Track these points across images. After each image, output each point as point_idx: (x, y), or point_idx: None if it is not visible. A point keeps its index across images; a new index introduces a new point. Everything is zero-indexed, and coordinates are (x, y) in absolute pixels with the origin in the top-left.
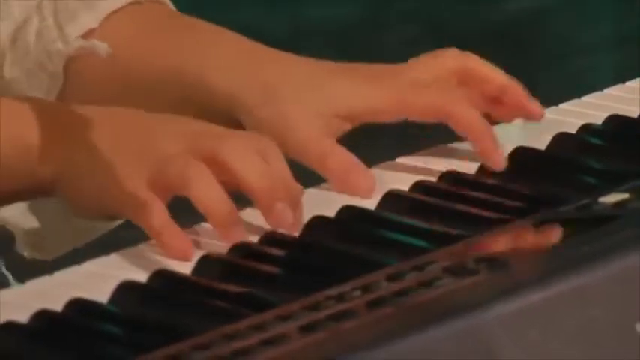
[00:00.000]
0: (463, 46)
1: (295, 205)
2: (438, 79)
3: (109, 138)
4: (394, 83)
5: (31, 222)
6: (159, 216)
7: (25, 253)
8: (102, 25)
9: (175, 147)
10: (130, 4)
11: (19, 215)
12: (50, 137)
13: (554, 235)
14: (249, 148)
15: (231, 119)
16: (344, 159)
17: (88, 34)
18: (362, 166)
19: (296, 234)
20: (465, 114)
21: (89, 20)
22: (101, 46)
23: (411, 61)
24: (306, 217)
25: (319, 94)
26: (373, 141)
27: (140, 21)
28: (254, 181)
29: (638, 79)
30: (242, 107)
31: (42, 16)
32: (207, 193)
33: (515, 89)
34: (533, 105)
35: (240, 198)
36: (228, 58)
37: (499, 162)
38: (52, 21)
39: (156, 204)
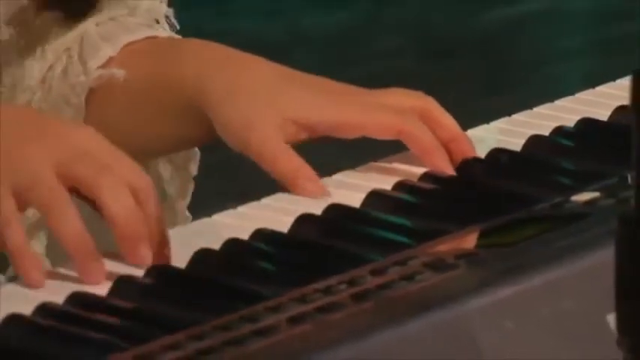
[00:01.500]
0: (447, 52)
1: (159, 243)
2: (397, 108)
3: None
4: (355, 101)
5: (48, 263)
6: (15, 235)
7: None
8: (119, 52)
9: (43, 165)
10: (148, 37)
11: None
12: None
13: (529, 231)
14: (120, 182)
15: (203, 115)
16: (293, 163)
17: (107, 64)
18: (310, 171)
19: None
20: (418, 133)
21: (109, 50)
22: (118, 72)
23: (376, 90)
24: (295, 215)
25: (280, 99)
26: (358, 143)
27: (146, 48)
28: (119, 222)
29: (607, 85)
30: (209, 103)
31: (69, 56)
32: (66, 225)
33: (464, 140)
34: (464, 155)
35: (243, 196)
36: (204, 62)
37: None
38: (77, 58)
39: (14, 222)
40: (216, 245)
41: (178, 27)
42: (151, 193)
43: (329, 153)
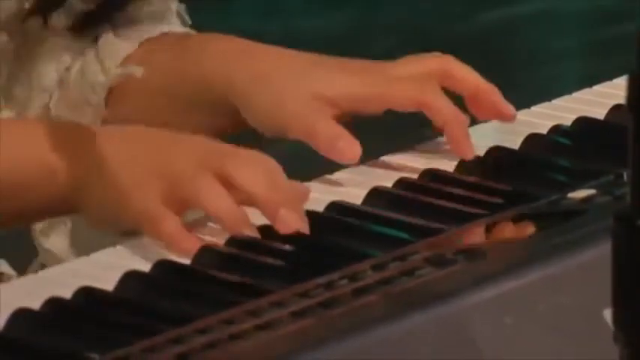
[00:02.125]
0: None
1: (296, 207)
2: (418, 76)
3: (125, 155)
4: (376, 76)
5: (69, 254)
6: (169, 228)
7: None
8: (136, 50)
9: (187, 164)
10: (163, 33)
11: (59, 247)
12: (69, 156)
13: (527, 228)
14: (252, 163)
15: (229, 106)
16: (331, 127)
17: (124, 61)
18: (348, 134)
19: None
20: (439, 103)
21: (127, 48)
22: (136, 70)
23: (394, 61)
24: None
25: (306, 79)
26: (360, 141)
27: (163, 43)
28: (258, 192)
29: (603, 84)
30: (236, 91)
31: (85, 56)
32: (218, 204)
33: (490, 91)
34: (506, 107)
35: None
36: (224, 52)
37: (468, 150)
38: (94, 57)
39: (167, 217)
40: (221, 241)
41: (190, 22)
42: (276, 165)
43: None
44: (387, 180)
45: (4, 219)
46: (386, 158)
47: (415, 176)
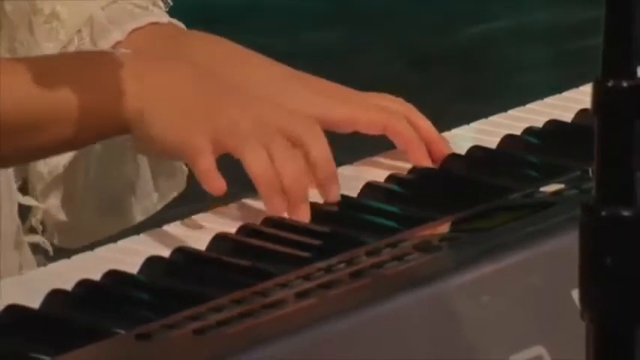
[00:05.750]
0: (429, 63)
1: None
2: (383, 107)
3: (192, 87)
4: (348, 100)
5: (64, 216)
6: (206, 162)
7: (55, 241)
8: (126, 38)
9: (243, 118)
10: (151, 23)
11: (56, 208)
12: (138, 77)
13: (502, 218)
14: (321, 133)
15: None
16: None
17: (115, 46)
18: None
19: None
20: (402, 129)
21: (117, 35)
22: (126, 52)
23: (365, 92)
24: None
25: (283, 96)
26: (355, 142)
27: (153, 35)
28: (285, 178)
29: (571, 91)
30: None
31: (81, 37)
32: (258, 161)
33: (441, 141)
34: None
35: (246, 189)
36: (213, 56)
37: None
38: (89, 39)
39: (206, 154)
40: (232, 229)
41: (172, 3)
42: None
43: (332, 149)
44: (379, 176)
45: (68, 136)
46: (378, 157)
47: (404, 172)
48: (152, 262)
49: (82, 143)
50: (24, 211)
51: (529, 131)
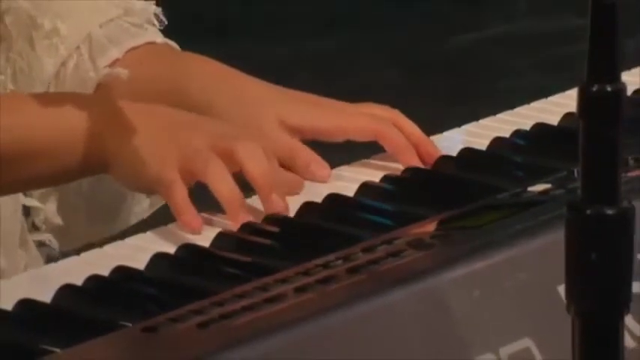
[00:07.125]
0: (422, 69)
1: (288, 193)
2: (371, 115)
3: (152, 128)
4: (338, 111)
5: (60, 220)
6: (177, 197)
7: (51, 243)
8: (124, 56)
9: (201, 142)
10: (148, 43)
11: (53, 212)
12: (102, 125)
13: (492, 216)
14: (258, 148)
15: None
16: (306, 152)
17: (113, 64)
18: (320, 160)
19: (290, 215)
20: (392, 135)
21: (115, 53)
22: (122, 72)
23: (353, 103)
24: (299, 203)
25: (275, 106)
26: (352, 145)
27: (149, 54)
28: (257, 176)
29: (557, 95)
30: (215, 111)
31: (80, 54)
32: (222, 183)
33: (429, 144)
34: (430, 155)
35: (247, 187)
36: (208, 76)
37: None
38: (87, 56)
39: (177, 185)
40: (234, 228)
41: (167, 22)
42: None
43: (330, 152)
44: (375, 176)
45: (43, 181)
46: (374, 158)
47: (398, 173)
48: (158, 258)
49: (58, 181)
50: (26, 212)
51: (517, 134)
